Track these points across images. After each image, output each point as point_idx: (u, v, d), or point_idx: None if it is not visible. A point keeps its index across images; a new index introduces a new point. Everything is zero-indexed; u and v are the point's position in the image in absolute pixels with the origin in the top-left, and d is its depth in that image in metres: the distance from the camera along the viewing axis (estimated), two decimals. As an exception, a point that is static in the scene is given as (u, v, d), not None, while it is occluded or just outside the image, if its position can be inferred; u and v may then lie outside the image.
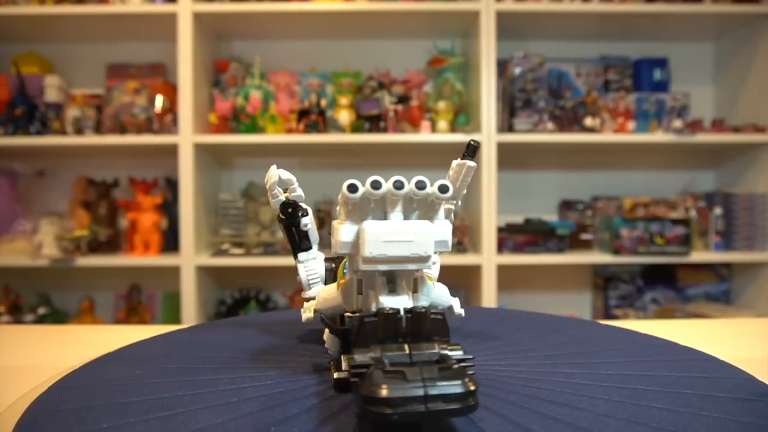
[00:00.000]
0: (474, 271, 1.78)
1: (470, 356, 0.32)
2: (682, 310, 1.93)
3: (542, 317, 0.62)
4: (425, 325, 0.33)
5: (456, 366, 0.30)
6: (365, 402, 0.28)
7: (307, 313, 0.43)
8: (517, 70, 1.85)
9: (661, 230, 1.80)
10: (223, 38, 1.99)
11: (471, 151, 0.43)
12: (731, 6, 1.78)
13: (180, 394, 0.37)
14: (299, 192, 0.46)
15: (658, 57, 2.01)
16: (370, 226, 0.35)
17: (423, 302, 0.39)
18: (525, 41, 2.01)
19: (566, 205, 2.01)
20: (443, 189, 0.34)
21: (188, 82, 1.70)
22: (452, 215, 0.46)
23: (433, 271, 0.48)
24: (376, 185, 0.34)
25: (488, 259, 1.72)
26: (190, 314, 1.70)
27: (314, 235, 0.49)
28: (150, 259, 1.76)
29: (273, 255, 1.76)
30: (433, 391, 0.28)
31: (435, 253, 0.38)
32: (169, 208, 1.86)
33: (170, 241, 1.85)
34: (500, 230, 1.80)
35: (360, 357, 0.32)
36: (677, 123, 1.79)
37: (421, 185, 0.34)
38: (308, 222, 0.47)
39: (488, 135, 1.71)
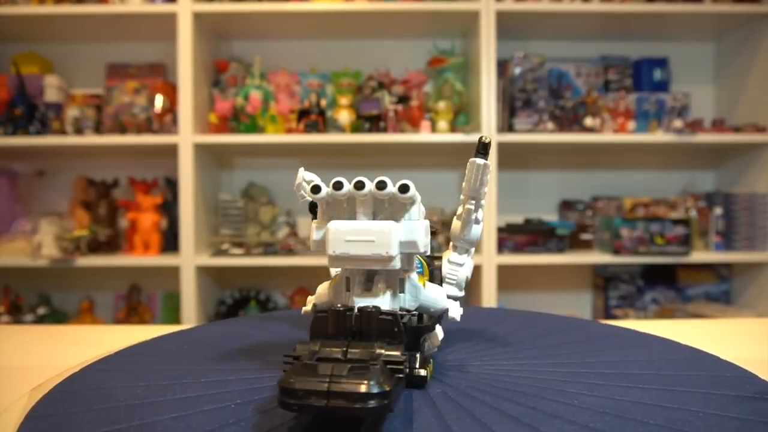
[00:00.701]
0: (474, 271, 1.77)
1: (403, 359, 0.32)
2: (682, 310, 1.93)
3: (612, 330, 0.59)
4: (373, 324, 0.34)
5: (377, 367, 0.30)
6: (278, 391, 0.29)
7: (306, 306, 0.45)
8: (517, 70, 1.85)
9: (661, 230, 1.80)
10: (223, 38, 1.99)
11: (482, 148, 0.42)
12: (731, 6, 1.78)
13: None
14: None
15: (658, 57, 2.01)
16: (334, 225, 0.36)
17: (410, 304, 0.40)
18: (525, 41, 2.01)
19: (566, 205, 2.01)
20: (403, 189, 0.35)
21: (188, 82, 1.70)
22: (476, 215, 0.45)
23: (460, 273, 0.47)
24: (337, 186, 0.36)
25: (488, 259, 1.72)
26: (190, 314, 1.70)
27: None
28: (150, 259, 1.76)
29: (273, 255, 1.76)
30: (336, 388, 0.28)
31: (417, 253, 0.38)
32: (169, 208, 1.86)
33: (170, 241, 1.85)
34: (500, 230, 1.79)
35: (300, 348, 0.33)
36: (677, 123, 1.79)
37: (381, 185, 0.35)
38: None
39: (489, 135, 1.70)
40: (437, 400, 0.37)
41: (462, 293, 0.48)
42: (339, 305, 0.35)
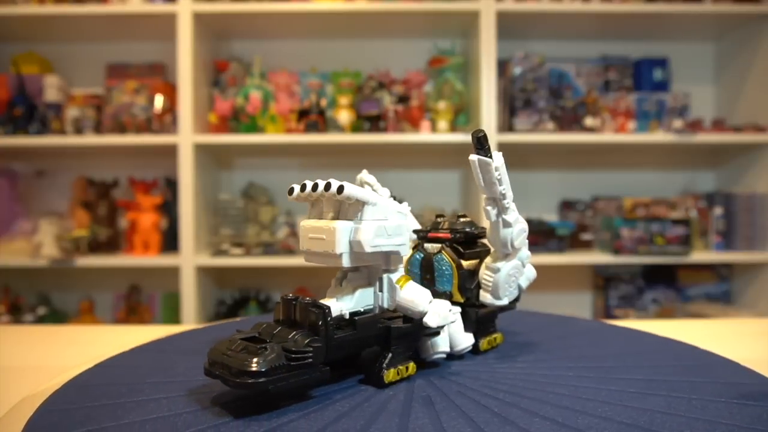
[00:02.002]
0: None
1: (301, 349, 0.34)
2: (682, 310, 1.92)
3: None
4: (304, 315, 0.37)
5: (266, 351, 0.33)
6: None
7: None
8: (517, 70, 1.85)
9: (661, 230, 1.79)
10: (223, 38, 1.99)
11: (476, 143, 0.42)
12: (731, 6, 1.78)
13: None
14: (380, 191, 0.50)
15: (659, 57, 2.01)
16: (303, 223, 0.40)
17: (388, 303, 0.41)
18: (525, 41, 2.01)
19: (566, 205, 2.01)
20: (339, 190, 0.37)
21: (188, 82, 1.70)
22: (504, 217, 0.44)
23: (495, 278, 0.45)
24: (302, 188, 0.39)
25: (488, 259, 1.72)
26: (190, 314, 1.70)
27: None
28: (150, 259, 1.76)
29: (273, 255, 1.76)
30: (226, 362, 0.33)
31: (377, 251, 0.39)
32: (169, 208, 1.86)
33: (170, 241, 1.85)
34: (500, 230, 1.79)
35: (251, 327, 0.38)
36: (678, 123, 1.79)
37: (327, 186, 0.38)
38: None
39: (488, 135, 1.70)
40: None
41: (499, 301, 0.46)
42: (289, 294, 0.39)
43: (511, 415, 0.34)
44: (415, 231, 0.51)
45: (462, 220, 0.50)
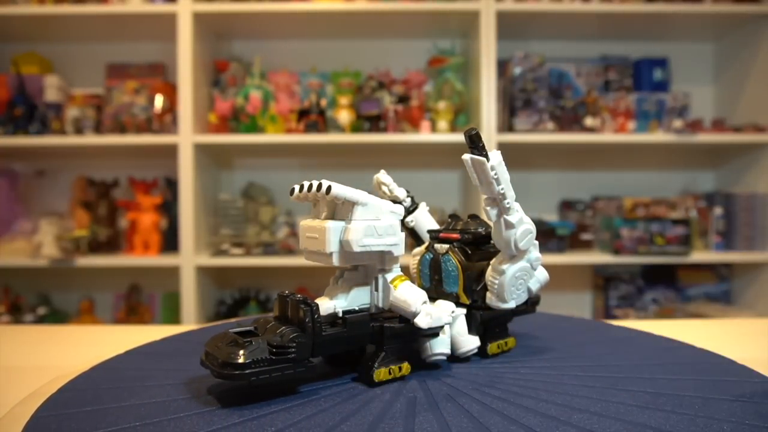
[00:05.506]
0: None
1: (282, 344, 0.36)
2: (682, 310, 1.92)
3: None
4: (295, 312, 0.38)
5: (252, 344, 0.35)
6: None
7: None
8: (517, 70, 1.85)
9: (661, 230, 1.79)
10: (223, 38, 1.99)
11: (469, 142, 0.42)
12: (731, 6, 1.78)
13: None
14: (396, 192, 0.52)
15: (659, 57, 2.01)
16: (302, 223, 0.41)
17: (383, 303, 0.42)
18: (525, 41, 2.01)
19: (566, 205, 2.01)
20: (327, 190, 0.38)
21: (188, 82, 1.70)
22: (506, 217, 0.44)
23: (500, 281, 0.45)
24: (300, 188, 0.41)
25: (488, 259, 1.72)
26: (190, 314, 1.70)
27: (423, 232, 0.53)
28: (150, 259, 1.76)
29: (273, 255, 1.76)
30: (215, 353, 0.35)
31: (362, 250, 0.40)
32: (169, 208, 1.86)
33: (170, 241, 1.84)
34: (500, 230, 1.79)
35: (251, 321, 0.40)
36: (677, 123, 1.79)
37: (318, 187, 0.39)
38: (412, 219, 0.52)
39: (488, 135, 1.71)
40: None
41: (505, 304, 0.45)
42: (285, 292, 0.40)
43: (489, 421, 0.34)
44: (429, 231, 0.51)
45: (475, 221, 0.50)
